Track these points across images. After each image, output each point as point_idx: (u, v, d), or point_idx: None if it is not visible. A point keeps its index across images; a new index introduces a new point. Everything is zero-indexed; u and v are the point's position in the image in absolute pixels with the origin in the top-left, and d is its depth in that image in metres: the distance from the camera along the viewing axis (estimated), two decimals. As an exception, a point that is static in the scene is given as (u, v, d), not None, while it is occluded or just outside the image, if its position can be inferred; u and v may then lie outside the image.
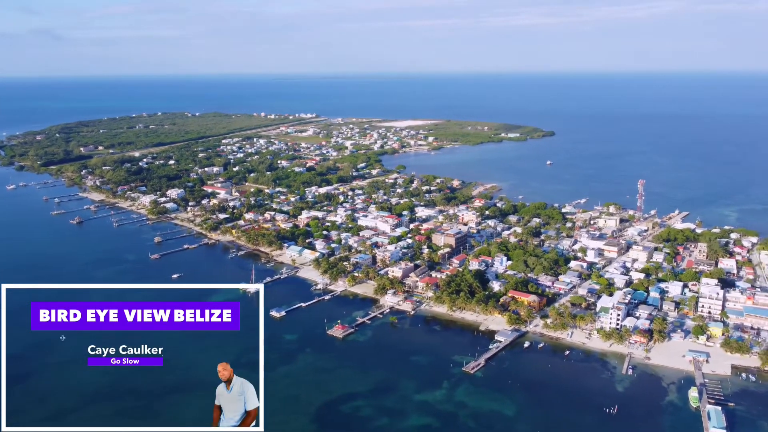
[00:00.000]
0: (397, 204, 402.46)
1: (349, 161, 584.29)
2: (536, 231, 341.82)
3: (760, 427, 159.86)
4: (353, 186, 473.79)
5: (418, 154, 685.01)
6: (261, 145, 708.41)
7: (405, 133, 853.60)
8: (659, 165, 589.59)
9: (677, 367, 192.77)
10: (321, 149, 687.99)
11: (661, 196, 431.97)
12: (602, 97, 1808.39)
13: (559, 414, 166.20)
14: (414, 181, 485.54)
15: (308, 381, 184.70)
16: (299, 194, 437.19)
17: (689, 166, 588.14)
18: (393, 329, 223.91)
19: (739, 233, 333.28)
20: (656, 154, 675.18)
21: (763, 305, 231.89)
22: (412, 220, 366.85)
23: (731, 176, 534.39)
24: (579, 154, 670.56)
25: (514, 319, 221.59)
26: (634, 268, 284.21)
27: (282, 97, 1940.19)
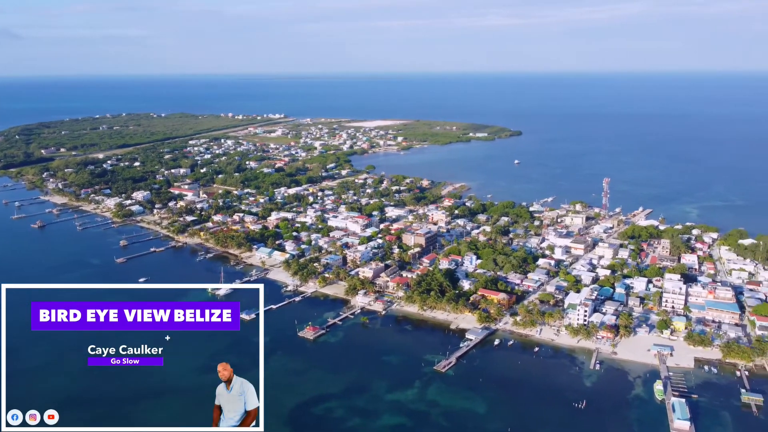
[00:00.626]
0: (367, 204, 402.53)
1: (318, 162, 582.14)
2: (505, 230, 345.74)
3: (722, 417, 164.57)
4: (323, 186, 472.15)
5: (387, 154, 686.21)
6: (229, 146, 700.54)
7: (374, 133, 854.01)
8: (624, 163, 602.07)
9: (643, 361, 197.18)
10: (290, 150, 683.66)
11: (626, 194, 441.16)
12: (568, 97, 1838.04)
13: (530, 410, 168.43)
14: (384, 181, 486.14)
15: (280, 383, 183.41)
16: (268, 195, 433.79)
17: (652, 165, 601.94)
18: (364, 330, 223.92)
19: (700, 229, 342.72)
20: (621, 152, 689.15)
21: (724, 299, 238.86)
22: (382, 220, 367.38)
23: (692, 174, 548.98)
24: (546, 154, 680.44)
25: (485, 317, 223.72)
26: (600, 264, 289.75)
27: (250, 97, 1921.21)
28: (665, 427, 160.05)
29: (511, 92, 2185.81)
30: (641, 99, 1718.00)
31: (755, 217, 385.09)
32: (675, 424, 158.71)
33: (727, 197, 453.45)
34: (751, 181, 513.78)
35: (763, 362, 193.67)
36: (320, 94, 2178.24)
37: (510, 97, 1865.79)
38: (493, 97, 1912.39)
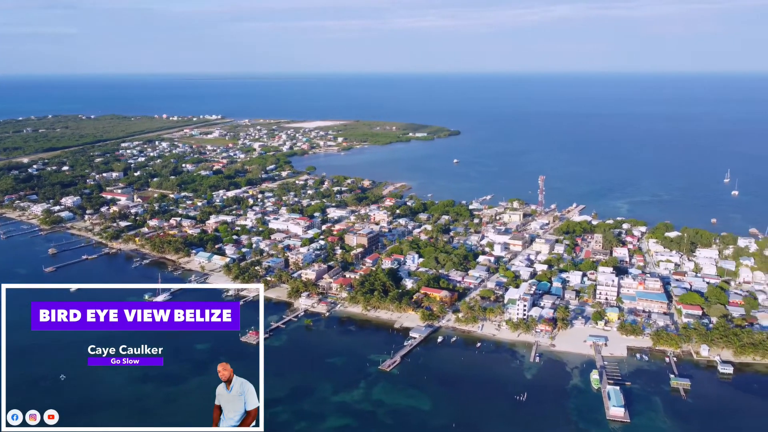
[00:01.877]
0: (309, 205, 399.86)
1: (257, 163, 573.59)
2: (446, 228, 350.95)
3: (653, 403, 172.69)
4: (263, 188, 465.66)
5: (328, 155, 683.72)
6: (164, 149, 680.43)
7: (314, 133, 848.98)
8: (558, 161, 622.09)
9: (579, 351, 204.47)
10: (228, 151, 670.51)
11: (560, 190, 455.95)
12: (504, 97, 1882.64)
13: (473, 405, 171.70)
14: (325, 182, 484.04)
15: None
16: (206, 198, 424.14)
17: (585, 162, 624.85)
18: (308, 332, 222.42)
19: (630, 223, 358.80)
20: (555, 150, 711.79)
21: (653, 290, 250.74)
22: (324, 222, 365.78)
23: (622, 170, 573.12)
24: (484, 152, 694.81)
25: (428, 315, 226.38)
26: (537, 260, 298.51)
27: (186, 98, 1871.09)
28: (601, 414, 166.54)
29: (449, 92, 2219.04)
30: (571, 99, 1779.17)
31: (679, 210, 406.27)
32: (610, 411, 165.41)
33: (654, 192, 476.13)
34: (675, 176, 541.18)
35: (690, 348, 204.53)
36: (258, 94, 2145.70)
37: (448, 98, 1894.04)
38: (432, 97, 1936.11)
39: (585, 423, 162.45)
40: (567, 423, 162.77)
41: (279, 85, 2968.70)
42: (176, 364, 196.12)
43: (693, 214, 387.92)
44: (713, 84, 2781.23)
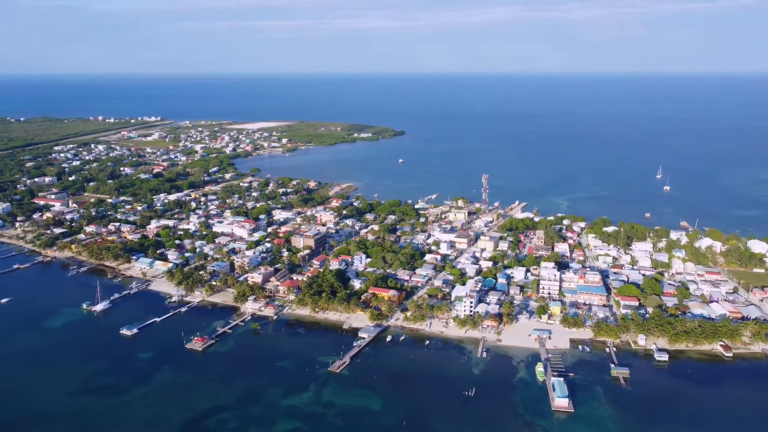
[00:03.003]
0: (254, 208, 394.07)
1: (200, 166, 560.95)
2: (392, 228, 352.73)
3: (595, 392, 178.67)
4: (206, 191, 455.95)
5: (272, 156, 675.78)
6: (100, 152, 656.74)
7: (258, 135, 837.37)
8: (500, 160, 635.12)
9: (525, 345, 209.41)
10: (168, 154, 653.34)
11: (503, 188, 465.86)
12: (447, 97, 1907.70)
13: (423, 402, 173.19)
14: (270, 184, 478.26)
15: (168, 399, 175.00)
16: (146, 203, 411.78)
17: (526, 161, 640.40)
18: (256, 336, 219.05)
19: (570, 219, 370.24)
20: (497, 149, 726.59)
21: (592, 283, 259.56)
22: (270, 224, 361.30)
23: (561, 169, 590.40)
24: (428, 152, 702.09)
25: (376, 315, 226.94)
26: (482, 257, 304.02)
27: (123, 99, 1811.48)
28: (547, 405, 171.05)
29: (393, 93, 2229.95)
30: (511, 99, 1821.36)
31: (616, 205, 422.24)
32: (555, 402, 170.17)
33: (592, 189, 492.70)
34: (611, 173, 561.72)
35: (628, 338, 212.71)
36: (200, 95, 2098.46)
37: (392, 98, 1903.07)
38: (376, 97, 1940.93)
39: (531, 415, 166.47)
40: (514, 416, 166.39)
41: (221, 85, 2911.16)
42: (118, 374, 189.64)
43: (628, 209, 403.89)
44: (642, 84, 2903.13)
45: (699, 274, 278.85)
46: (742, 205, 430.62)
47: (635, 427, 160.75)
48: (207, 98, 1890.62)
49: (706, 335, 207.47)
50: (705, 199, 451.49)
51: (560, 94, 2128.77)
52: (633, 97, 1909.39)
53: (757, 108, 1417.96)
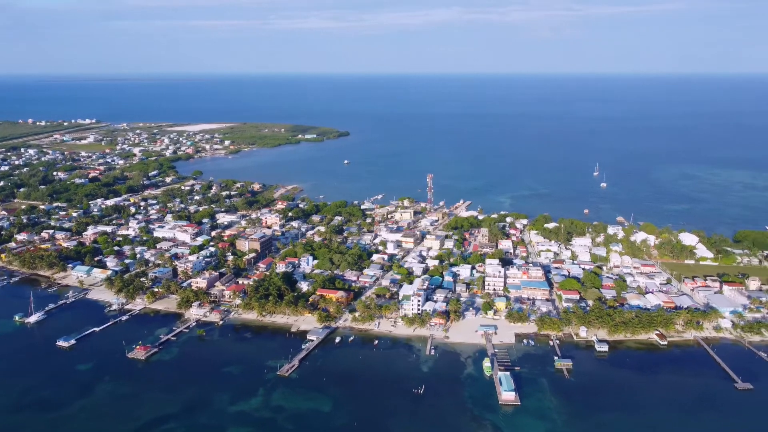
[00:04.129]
0: (197, 212, 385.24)
1: (138, 169, 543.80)
2: (339, 228, 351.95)
3: (540, 384, 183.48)
4: (145, 196, 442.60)
5: (215, 159, 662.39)
6: (31, 156, 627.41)
7: (199, 137, 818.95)
8: (444, 159, 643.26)
9: (472, 341, 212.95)
10: (105, 158, 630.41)
11: (448, 188, 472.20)
12: (392, 98, 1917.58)
13: (373, 402, 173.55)
14: (213, 187, 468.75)
15: (110, 412, 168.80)
16: (82, 208, 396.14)
17: (469, 160, 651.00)
18: (201, 342, 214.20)
19: (513, 217, 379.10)
20: (441, 149, 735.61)
21: (535, 278, 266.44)
22: (214, 228, 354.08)
23: (504, 167, 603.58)
24: (373, 153, 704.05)
25: (324, 317, 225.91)
26: (429, 255, 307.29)
27: (54, 101, 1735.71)
28: (494, 400, 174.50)
29: (337, 94, 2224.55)
30: (452, 100, 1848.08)
31: (556, 202, 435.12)
32: (502, 396, 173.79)
33: (533, 187, 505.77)
34: (550, 171, 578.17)
35: (570, 331, 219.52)
36: (136, 96, 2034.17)
37: (337, 99, 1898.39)
38: (320, 98, 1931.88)
39: (479, 409, 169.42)
40: (463, 411, 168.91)
41: (159, 86, 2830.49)
42: (55, 388, 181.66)
43: (568, 206, 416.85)
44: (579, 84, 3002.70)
45: (635, 266, 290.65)
46: (673, 199, 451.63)
47: (579, 417, 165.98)
48: (145, 100, 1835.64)
49: (643, 325, 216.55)
50: (639, 194, 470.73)
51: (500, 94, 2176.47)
52: (569, 97, 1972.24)
53: (686, 107, 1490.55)
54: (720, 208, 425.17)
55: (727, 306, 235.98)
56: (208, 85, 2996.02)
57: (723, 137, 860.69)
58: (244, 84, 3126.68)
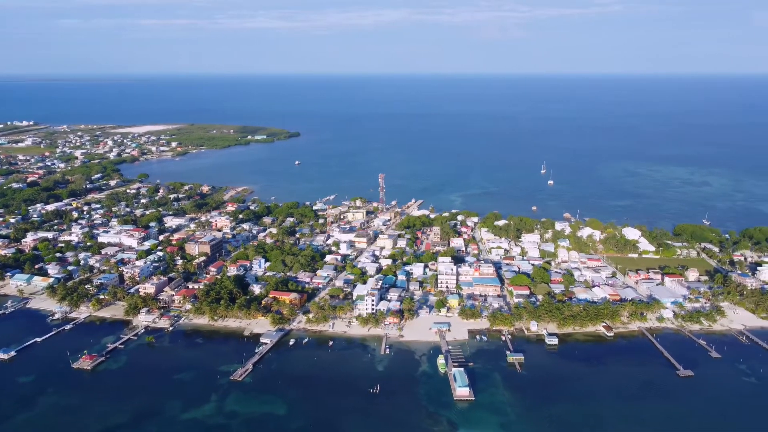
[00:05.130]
0: (143, 215, 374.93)
1: (81, 173, 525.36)
2: (291, 230, 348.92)
3: (493, 379, 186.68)
4: (89, 200, 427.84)
5: (161, 161, 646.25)
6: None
7: (145, 139, 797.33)
8: (395, 159, 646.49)
9: (426, 339, 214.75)
10: (44, 161, 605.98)
11: (400, 187, 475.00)
12: (342, 99, 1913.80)
13: (329, 403, 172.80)
14: (160, 190, 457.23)
15: (54, 425, 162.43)
16: (21, 214, 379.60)
17: (420, 160, 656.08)
18: (151, 350, 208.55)
19: (464, 215, 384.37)
20: (392, 149, 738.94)
21: (487, 275, 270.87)
22: (162, 231, 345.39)
23: (454, 166, 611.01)
24: (324, 153, 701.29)
25: (278, 319, 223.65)
26: (382, 255, 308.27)
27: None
28: (449, 396, 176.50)
29: (287, 94, 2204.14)
30: (403, 100, 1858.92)
31: (505, 200, 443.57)
32: (457, 392, 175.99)
33: (483, 185, 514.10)
34: (499, 169, 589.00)
35: (521, 325, 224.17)
36: (78, 97, 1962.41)
37: (286, 99, 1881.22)
38: (269, 98, 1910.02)
39: (434, 406, 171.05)
40: (418, 408, 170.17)
41: (102, 87, 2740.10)
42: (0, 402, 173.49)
43: (517, 204, 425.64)
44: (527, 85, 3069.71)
45: (582, 261, 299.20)
46: (617, 196, 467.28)
47: (531, 409, 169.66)
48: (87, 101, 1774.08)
49: (590, 318, 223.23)
50: (585, 191, 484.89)
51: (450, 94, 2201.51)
52: (517, 97, 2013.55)
53: (629, 107, 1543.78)
54: (660, 203, 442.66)
55: (669, 297, 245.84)
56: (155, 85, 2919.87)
57: (664, 135, 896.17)
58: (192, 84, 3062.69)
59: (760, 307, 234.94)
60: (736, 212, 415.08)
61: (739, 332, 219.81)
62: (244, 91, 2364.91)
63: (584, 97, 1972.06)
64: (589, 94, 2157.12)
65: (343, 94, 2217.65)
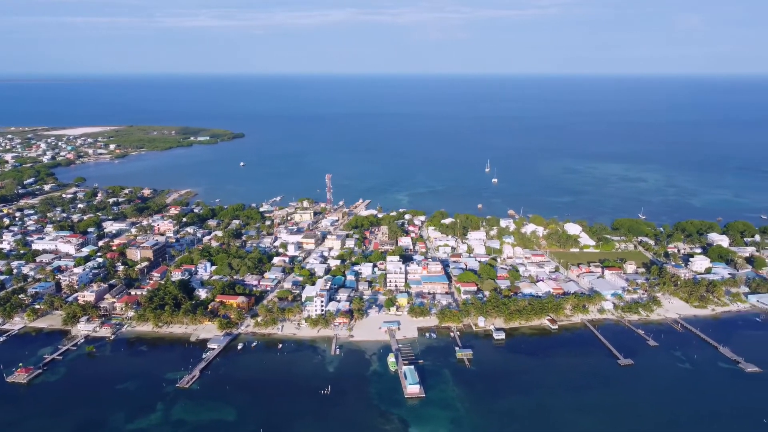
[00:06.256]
0: (81, 221, 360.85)
1: (12, 177, 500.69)
2: (237, 232, 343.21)
3: (443, 375, 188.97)
4: (21, 205, 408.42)
5: (99, 164, 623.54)
6: None
7: (81, 141, 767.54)
8: (342, 159, 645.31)
9: (376, 338, 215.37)
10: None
11: (347, 187, 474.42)
12: (286, 98, 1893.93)
13: (280, 406, 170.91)
14: (98, 194, 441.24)
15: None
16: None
17: (367, 160, 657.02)
18: (92, 360, 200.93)
19: (411, 214, 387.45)
20: (338, 149, 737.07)
21: (435, 273, 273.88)
22: (101, 237, 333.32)
23: (400, 166, 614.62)
24: (270, 154, 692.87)
25: (225, 324, 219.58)
26: (330, 255, 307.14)
27: None
28: (400, 394, 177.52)
29: (230, 94, 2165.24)
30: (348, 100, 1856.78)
31: (451, 199, 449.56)
32: (408, 389, 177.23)
33: (429, 184, 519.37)
34: (445, 168, 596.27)
35: (469, 321, 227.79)
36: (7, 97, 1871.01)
37: (229, 99, 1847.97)
38: (213, 99, 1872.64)
39: (386, 404, 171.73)
40: (369, 408, 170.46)
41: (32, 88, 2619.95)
42: None
43: (463, 202, 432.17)
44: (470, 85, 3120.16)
45: (526, 257, 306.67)
46: (558, 192, 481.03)
47: (480, 404, 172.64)
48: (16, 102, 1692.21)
49: (535, 312, 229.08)
50: (528, 188, 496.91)
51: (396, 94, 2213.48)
52: (461, 97, 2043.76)
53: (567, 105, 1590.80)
54: (599, 199, 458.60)
55: (609, 289, 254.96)
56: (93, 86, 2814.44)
57: (600, 134, 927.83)
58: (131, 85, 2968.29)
59: (693, 296, 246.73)
60: (669, 206, 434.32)
61: (674, 321, 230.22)
62: (187, 92, 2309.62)
63: (525, 97, 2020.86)
64: (529, 94, 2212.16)
65: (289, 94, 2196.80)
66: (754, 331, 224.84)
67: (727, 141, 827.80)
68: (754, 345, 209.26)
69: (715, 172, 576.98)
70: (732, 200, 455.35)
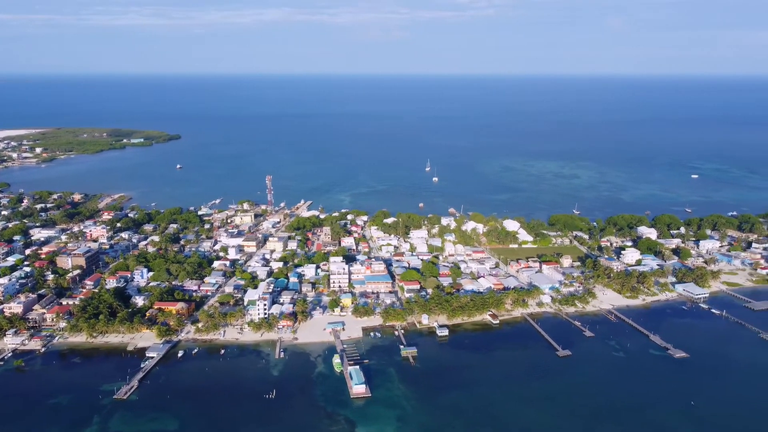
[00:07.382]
0: (5, 228, 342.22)
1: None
2: (175, 237, 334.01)
3: (389, 374, 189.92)
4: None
5: (24, 168, 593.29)
6: None
7: (3, 145, 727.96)
8: (282, 160, 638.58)
9: (321, 340, 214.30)
10: None
11: (288, 189, 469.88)
12: (222, 99, 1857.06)
13: (223, 413, 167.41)
14: (24, 200, 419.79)
15: None
16: None
17: (307, 161, 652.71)
18: (20, 375, 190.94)
19: (354, 214, 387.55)
20: (278, 151, 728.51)
21: (378, 272, 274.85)
22: (28, 245, 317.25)
23: (342, 166, 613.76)
24: (207, 156, 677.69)
25: (164, 331, 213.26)
26: (273, 258, 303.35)
27: None
28: (346, 394, 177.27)
29: (163, 94, 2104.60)
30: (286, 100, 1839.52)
31: (393, 198, 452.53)
32: (353, 390, 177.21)
33: (370, 184, 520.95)
34: (386, 168, 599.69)
35: (413, 319, 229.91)
36: None
37: (163, 100, 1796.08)
38: (146, 100, 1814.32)
39: (332, 406, 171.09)
40: (316, 409, 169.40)
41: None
42: None
43: (404, 201, 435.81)
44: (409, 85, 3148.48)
45: (467, 254, 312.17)
46: (497, 190, 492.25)
47: (425, 400, 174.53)
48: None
49: (477, 307, 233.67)
50: (467, 187, 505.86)
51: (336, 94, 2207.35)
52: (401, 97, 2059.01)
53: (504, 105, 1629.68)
54: (536, 196, 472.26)
55: (547, 283, 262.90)
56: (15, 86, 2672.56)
57: (535, 133, 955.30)
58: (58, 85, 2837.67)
59: (625, 288, 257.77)
60: (601, 201, 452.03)
61: (608, 311, 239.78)
62: (118, 93, 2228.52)
63: (464, 97, 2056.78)
64: (468, 94, 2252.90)
65: (226, 94, 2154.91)
66: (681, 318, 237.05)
67: (656, 138, 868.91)
68: (682, 332, 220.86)
69: (644, 168, 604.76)
70: (659, 195, 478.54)
